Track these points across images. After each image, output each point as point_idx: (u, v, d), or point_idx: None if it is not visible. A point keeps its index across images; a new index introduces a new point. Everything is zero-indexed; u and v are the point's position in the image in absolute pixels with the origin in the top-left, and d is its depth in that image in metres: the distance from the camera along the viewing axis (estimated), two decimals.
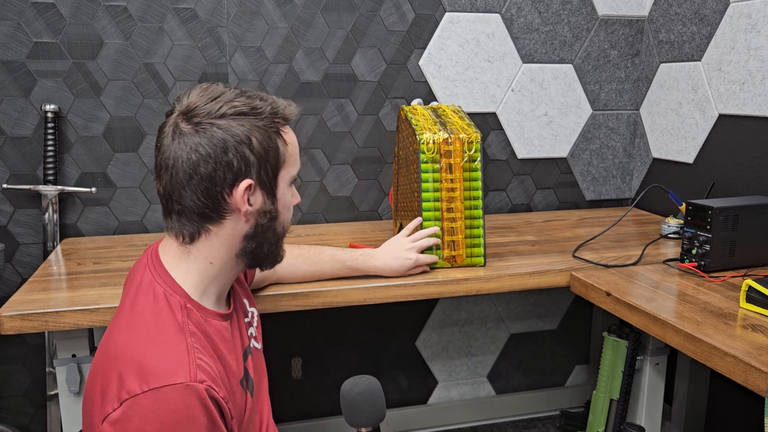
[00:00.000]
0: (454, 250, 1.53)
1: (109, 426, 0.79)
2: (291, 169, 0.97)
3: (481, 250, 1.55)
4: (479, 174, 1.52)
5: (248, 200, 0.91)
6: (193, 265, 0.93)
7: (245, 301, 1.12)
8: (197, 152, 0.88)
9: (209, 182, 0.89)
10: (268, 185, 0.94)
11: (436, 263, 1.53)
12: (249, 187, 0.91)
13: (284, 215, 0.98)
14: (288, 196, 0.98)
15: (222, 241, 0.93)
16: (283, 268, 1.40)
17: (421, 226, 1.51)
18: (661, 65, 2.19)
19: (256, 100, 0.92)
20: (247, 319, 1.09)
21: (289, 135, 0.96)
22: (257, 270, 1.33)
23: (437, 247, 1.52)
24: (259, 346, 1.12)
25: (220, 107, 0.89)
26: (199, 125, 0.89)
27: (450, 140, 1.49)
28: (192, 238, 0.93)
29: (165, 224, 0.95)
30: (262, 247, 0.97)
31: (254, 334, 1.11)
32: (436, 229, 1.50)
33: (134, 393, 0.79)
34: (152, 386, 0.79)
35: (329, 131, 2.06)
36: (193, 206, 0.90)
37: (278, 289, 1.40)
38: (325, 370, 2.21)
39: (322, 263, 1.42)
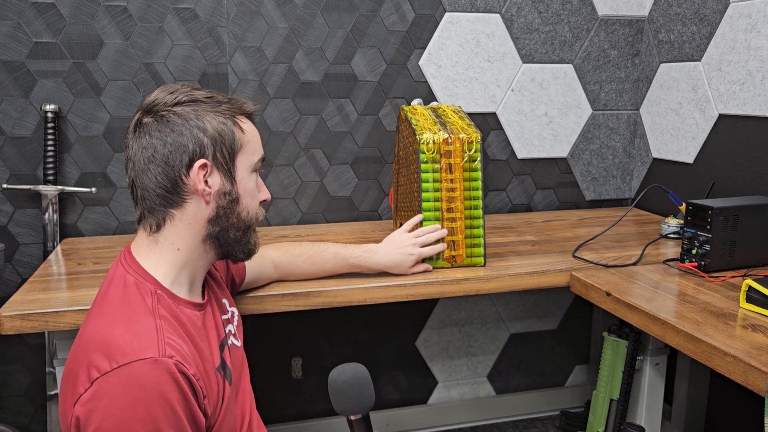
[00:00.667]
0: (454, 250, 1.53)
1: (80, 407, 0.80)
2: (250, 155, 1.00)
3: (481, 250, 1.55)
4: (479, 174, 1.52)
5: (205, 181, 0.95)
6: (162, 253, 0.96)
7: (224, 300, 1.13)
8: (156, 138, 0.94)
9: (166, 164, 0.94)
10: (226, 167, 0.97)
11: (440, 257, 1.53)
12: (204, 165, 0.94)
13: (246, 200, 1.00)
14: (250, 183, 1.01)
15: (186, 226, 0.97)
16: (284, 267, 1.40)
17: (421, 224, 1.51)
18: (661, 65, 2.19)
19: (212, 92, 0.99)
20: (225, 316, 1.10)
21: (246, 124, 1.00)
22: (249, 267, 1.33)
23: (439, 241, 1.52)
24: (238, 344, 1.13)
25: (176, 97, 0.95)
26: (157, 114, 0.95)
27: (450, 140, 1.49)
28: (158, 227, 0.96)
29: (136, 219, 0.99)
30: (228, 232, 0.99)
31: (233, 332, 1.12)
32: (437, 226, 1.50)
33: (104, 371, 0.80)
34: (120, 363, 0.80)
35: (329, 131, 2.06)
36: (153, 188, 0.95)
37: (278, 289, 1.40)
38: (325, 370, 2.21)
39: (324, 261, 1.42)
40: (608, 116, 2.32)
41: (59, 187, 1.84)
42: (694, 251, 1.52)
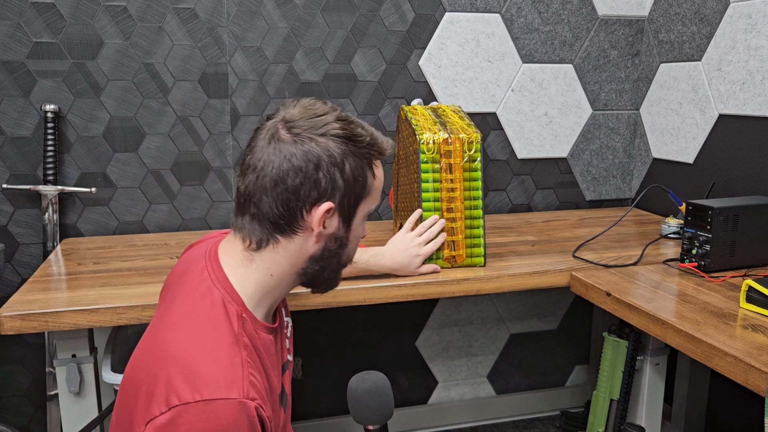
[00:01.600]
0: (454, 250, 1.53)
1: (153, 430, 0.77)
2: (371, 203, 0.96)
3: (481, 250, 1.55)
4: (479, 174, 1.52)
5: (324, 222, 0.90)
6: (254, 274, 0.92)
7: (283, 310, 1.10)
8: (290, 162, 0.87)
9: (293, 194, 0.88)
10: (347, 213, 0.93)
11: (440, 254, 1.53)
12: (329, 210, 0.90)
13: (352, 246, 0.98)
14: (361, 229, 0.97)
15: (287, 255, 0.92)
16: None
17: (421, 218, 1.51)
18: (661, 65, 2.19)
19: (357, 127, 0.92)
20: (286, 330, 1.08)
21: (379, 170, 0.96)
22: None
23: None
24: (291, 358, 1.11)
25: (322, 125, 0.89)
26: (298, 136, 0.88)
27: (450, 140, 1.49)
28: (259, 245, 0.91)
29: (235, 223, 0.94)
30: (323, 271, 0.96)
31: (288, 346, 1.09)
32: (436, 217, 1.50)
33: (185, 401, 0.77)
34: (205, 397, 0.77)
35: None
36: (269, 213, 0.89)
37: None
38: (325, 370, 2.21)
39: None
40: (608, 116, 2.32)
41: (59, 187, 1.84)
42: (694, 251, 1.52)
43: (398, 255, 1.46)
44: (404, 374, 2.29)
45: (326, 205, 0.89)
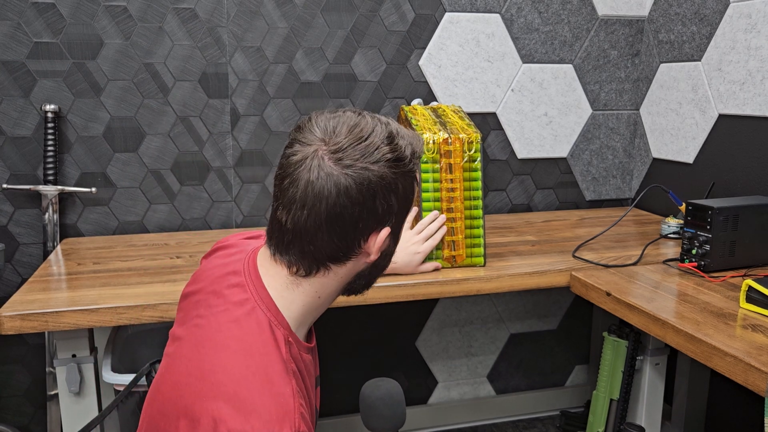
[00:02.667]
0: (454, 250, 1.53)
1: None
2: (411, 210, 0.93)
3: (481, 250, 1.55)
4: (479, 174, 1.52)
5: (381, 246, 0.87)
6: (300, 297, 0.87)
7: None
8: (347, 196, 0.81)
9: (351, 228, 0.83)
10: (398, 229, 0.90)
11: (440, 253, 1.53)
12: (388, 235, 0.87)
13: (394, 256, 0.95)
14: (401, 237, 0.94)
15: (338, 278, 0.88)
16: None
17: (420, 215, 1.51)
18: (661, 65, 2.19)
19: (400, 140, 0.86)
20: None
21: (419, 173, 0.96)
22: None
23: (437, 246, 1.52)
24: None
25: (374, 151, 0.82)
26: (350, 168, 0.81)
27: (450, 140, 1.50)
28: (308, 273, 0.86)
29: (275, 252, 0.87)
30: (369, 282, 0.93)
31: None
32: (435, 213, 1.50)
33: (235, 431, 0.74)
34: (256, 430, 0.74)
35: None
36: (324, 248, 0.84)
37: None
38: (325, 370, 2.21)
39: None
40: (608, 116, 2.32)
41: (59, 187, 1.84)
42: (694, 251, 1.52)
43: (398, 254, 1.44)
44: (404, 374, 2.29)
45: (385, 231, 0.85)
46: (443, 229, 1.51)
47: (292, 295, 0.86)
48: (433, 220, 1.50)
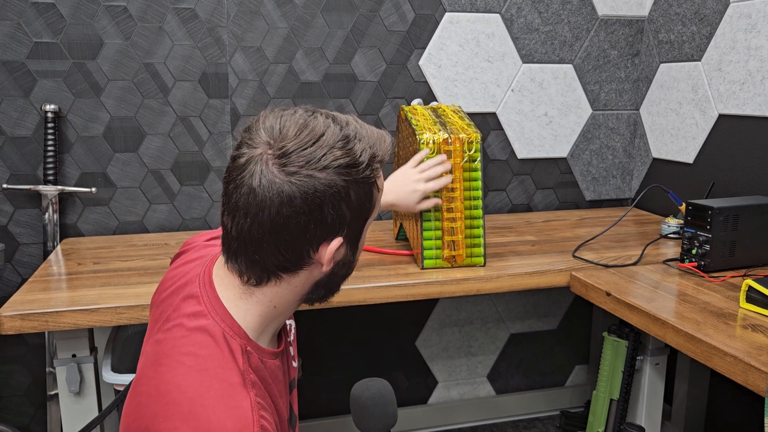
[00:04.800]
0: (454, 250, 1.53)
1: None
2: (375, 213, 0.86)
3: (481, 250, 1.55)
4: (479, 174, 1.52)
5: (333, 256, 0.81)
6: (255, 307, 0.83)
7: (288, 321, 1.04)
8: (291, 206, 0.75)
9: (297, 238, 0.77)
10: (355, 237, 0.84)
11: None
12: (339, 245, 0.81)
13: (357, 260, 0.90)
14: (364, 240, 0.88)
15: (291, 288, 0.83)
16: None
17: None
18: (661, 65, 2.19)
19: (356, 143, 0.79)
20: (289, 339, 0.99)
21: (381, 179, 0.85)
22: None
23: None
24: (295, 364, 1.03)
25: (321, 156, 0.76)
26: (294, 175, 0.75)
27: (450, 140, 1.49)
28: (259, 282, 0.82)
29: (227, 260, 0.83)
30: (330, 292, 0.89)
31: (292, 353, 1.02)
32: (443, 157, 1.50)
33: None
34: None
35: None
36: (271, 259, 0.79)
37: None
38: (325, 370, 2.21)
39: None
40: (608, 116, 2.32)
41: (59, 187, 1.84)
42: (694, 251, 1.52)
43: (398, 190, 1.45)
44: (404, 374, 2.29)
45: (336, 242, 0.80)
46: (449, 178, 1.50)
47: (246, 305, 0.83)
48: (440, 163, 1.49)
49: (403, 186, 1.46)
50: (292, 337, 1.02)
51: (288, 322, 1.01)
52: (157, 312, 0.91)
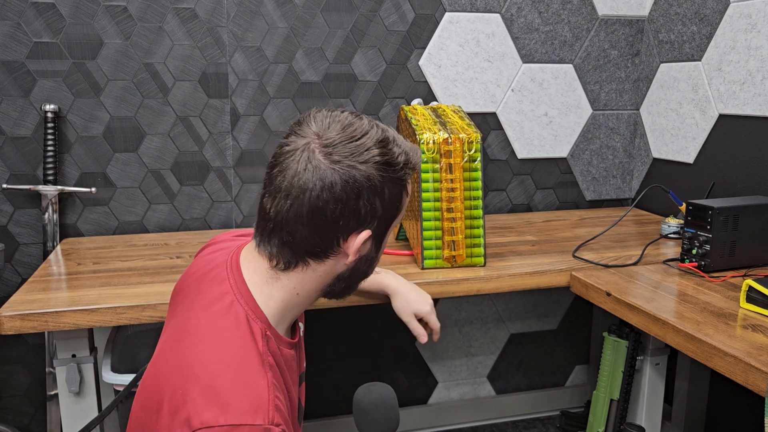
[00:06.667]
0: (454, 250, 1.53)
1: None
2: (401, 215, 0.93)
3: (481, 250, 1.55)
4: (479, 174, 1.52)
5: (360, 248, 0.88)
6: (278, 293, 0.88)
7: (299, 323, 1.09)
8: (330, 191, 0.82)
9: (331, 224, 0.84)
10: (381, 235, 0.90)
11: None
12: (368, 238, 0.87)
13: (379, 260, 0.95)
14: (388, 240, 0.93)
15: (316, 276, 0.89)
16: None
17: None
18: (661, 65, 2.19)
19: (394, 147, 0.87)
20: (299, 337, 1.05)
21: (410, 185, 0.92)
22: None
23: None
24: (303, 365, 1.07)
25: (364, 151, 0.84)
26: (338, 164, 0.82)
27: (450, 140, 1.49)
28: (287, 266, 0.87)
29: (259, 243, 0.89)
30: (348, 286, 0.94)
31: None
32: None
33: (208, 424, 0.74)
34: (229, 422, 0.74)
35: None
36: (303, 242, 0.85)
37: None
38: (325, 370, 2.21)
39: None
40: (608, 116, 2.32)
41: (59, 187, 1.84)
42: (694, 251, 1.52)
43: (409, 285, 1.36)
44: (404, 374, 2.29)
45: (365, 234, 0.86)
46: (435, 336, 1.37)
47: (270, 289, 0.88)
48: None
49: (415, 289, 1.35)
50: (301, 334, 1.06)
51: (299, 324, 1.04)
52: (179, 297, 0.96)
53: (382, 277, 1.35)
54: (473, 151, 1.50)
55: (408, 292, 1.34)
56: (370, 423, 0.95)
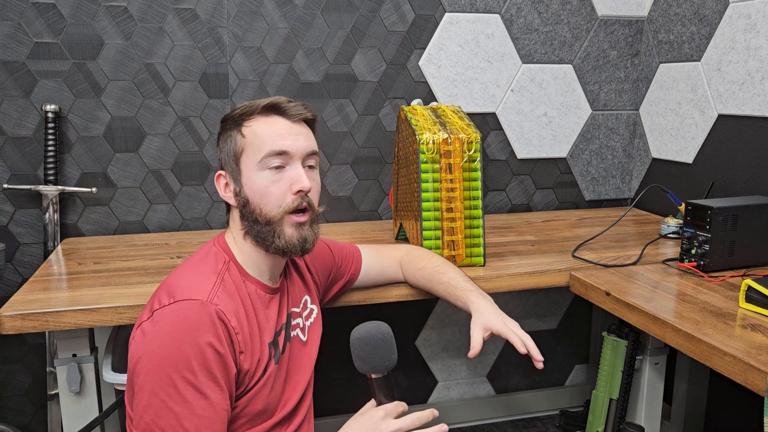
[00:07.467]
0: (454, 250, 1.54)
1: (139, 329, 0.98)
2: (253, 155, 1.05)
3: (481, 250, 1.55)
4: (479, 174, 1.52)
5: (224, 189, 1.10)
6: (233, 240, 1.10)
7: (306, 297, 1.23)
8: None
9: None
10: (233, 174, 1.08)
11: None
12: (219, 176, 1.10)
13: (257, 199, 1.05)
14: (258, 182, 1.05)
15: (234, 222, 1.10)
16: (406, 273, 1.43)
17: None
18: (661, 65, 2.19)
19: (254, 103, 1.09)
20: (296, 309, 1.19)
21: (251, 126, 1.06)
22: (368, 267, 1.41)
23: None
24: (304, 339, 1.20)
25: (230, 113, 1.10)
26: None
27: (450, 140, 1.50)
28: (227, 220, 1.13)
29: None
30: (254, 227, 1.07)
31: (301, 325, 1.19)
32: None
33: (163, 305, 0.97)
34: (176, 299, 0.97)
35: (329, 131, 2.06)
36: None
37: None
38: (325, 370, 2.21)
39: (434, 284, 1.37)
40: (608, 116, 2.32)
41: (60, 187, 1.84)
42: (693, 251, 1.53)
43: (493, 312, 1.24)
44: (404, 374, 2.29)
45: (218, 173, 1.10)
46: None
47: (230, 238, 1.11)
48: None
49: (495, 308, 1.24)
50: (306, 317, 1.22)
51: (311, 306, 1.24)
52: None
53: (469, 294, 1.29)
54: (473, 151, 1.51)
55: (485, 308, 1.24)
56: (368, 360, 1.02)
